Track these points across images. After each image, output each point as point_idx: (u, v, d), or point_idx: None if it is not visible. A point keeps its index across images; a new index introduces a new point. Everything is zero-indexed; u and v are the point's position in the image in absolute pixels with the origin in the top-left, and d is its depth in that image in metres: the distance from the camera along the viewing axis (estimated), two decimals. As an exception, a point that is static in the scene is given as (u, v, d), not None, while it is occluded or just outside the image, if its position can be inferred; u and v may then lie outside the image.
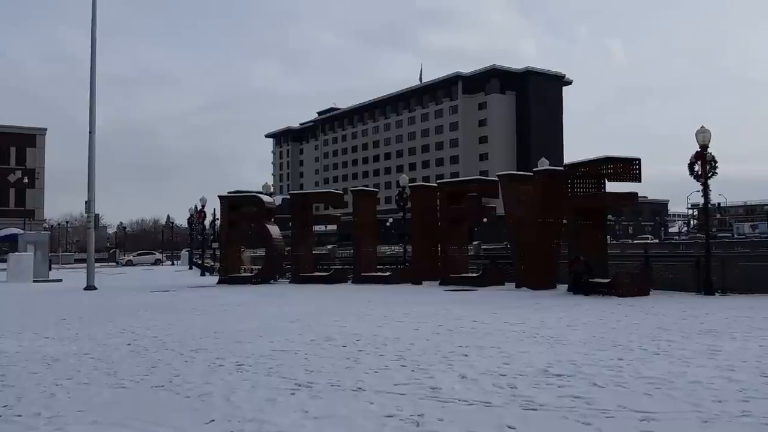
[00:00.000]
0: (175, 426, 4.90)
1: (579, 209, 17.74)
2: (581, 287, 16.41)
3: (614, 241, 61.30)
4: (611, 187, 17.89)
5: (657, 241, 73.52)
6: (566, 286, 17.45)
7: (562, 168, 19.05)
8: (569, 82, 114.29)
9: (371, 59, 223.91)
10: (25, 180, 62.70)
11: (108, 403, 5.67)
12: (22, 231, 42.01)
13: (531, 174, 20.07)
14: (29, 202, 70.80)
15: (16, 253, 29.41)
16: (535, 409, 5.22)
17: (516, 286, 18.82)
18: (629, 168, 16.95)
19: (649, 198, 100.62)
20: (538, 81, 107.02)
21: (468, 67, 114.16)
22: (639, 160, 16.92)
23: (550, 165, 20.24)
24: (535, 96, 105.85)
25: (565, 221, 18.49)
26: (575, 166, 18.26)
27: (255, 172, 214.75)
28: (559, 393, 5.73)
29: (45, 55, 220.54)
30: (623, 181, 17.28)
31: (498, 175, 20.93)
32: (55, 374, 7.00)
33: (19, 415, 5.29)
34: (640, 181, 17.02)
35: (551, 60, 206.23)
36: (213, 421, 5.04)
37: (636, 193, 17.63)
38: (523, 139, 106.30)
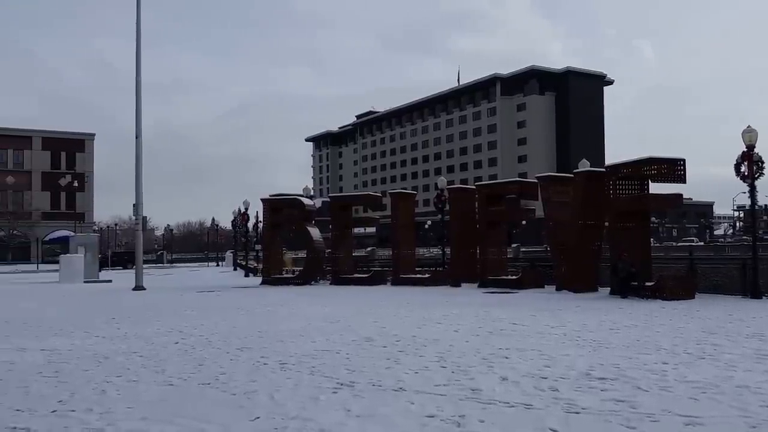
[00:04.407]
0: (222, 423, 5.04)
1: (621, 211, 17.40)
2: (625, 287, 16.09)
3: (657, 244, 59.70)
4: (655, 188, 17.51)
5: (702, 243, 71.29)
6: (608, 289, 17.14)
7: (603, 169, 18.71)
8: (610, 82, 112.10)
9: (398, 63, 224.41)
10: (75, 183, 64.97)
11: (156, 400, 5.85)
12: (72, 233, 43.55)
13: (571, 176, 19.78)
14: (79, 205, 73.31)
15: (68, 255, 30.52)
16: (578, 413, 5.17)
17: (556, 289, 18.58)
18: (673, 169, 16.55)
19: (693, 200, 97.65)
20: (579, 81, 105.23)
21: (497, 69, 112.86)
22: (683, 160, 16.51)
23: (591, 166, 19.91)
24: (576, 96, 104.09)
25: (606, 223, 18.16)
26: (617, 167, 17.91)
27: (292, 175, 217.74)
28: (602, 396, 5.67)
29: (85, 64, 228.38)
30: (667, 182, 16.88)
31: (537, 177, 20.70)
32: (105, 371, 7.26)
33: (73, 410, 5.51)
34: (684, 182, 16.61)
35: (577, 60, 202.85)
36: (258, 418, 5.17)
37: (681, 195, 17.20)
38: (563, 140, 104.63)
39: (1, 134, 72.04)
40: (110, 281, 29.70)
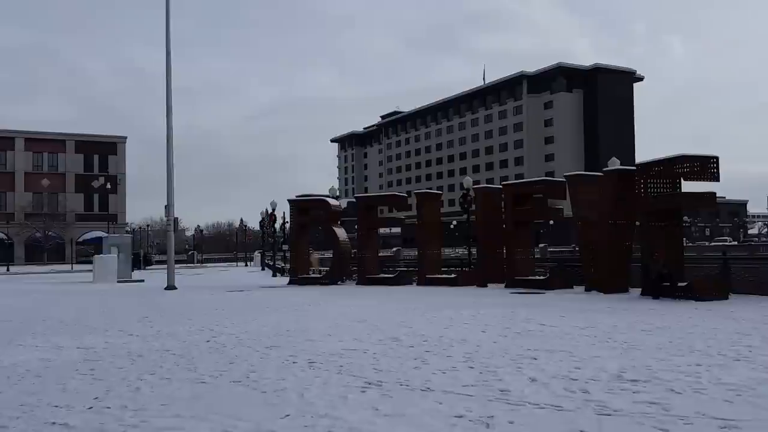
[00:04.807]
0: (253, 420, 5.11)
1: (653, 210, 17.10)
2: (657, 288, 15.82)
3: (690, 244, 58.56)
4: (687, 186, 17.16)
5: (736, 243, 69.70)
6: (639, 290, 16.86)
7: (634, 167, 18.41)
8: (640, 78, 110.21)
9: (423, 63, 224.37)
10: (108, 186, 66.46)
11: (189, 397, 5.96)
12: (106, 234, 44.51)
13: (601, 174, 19.51)
14: (112, 206, 75.02)
15: (101, 255, 31.21)
16: (609, 415, 5.11)
17: (585, 290, 18.34)
18: (706, 167, 16.19)
19: (726, 198, 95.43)
20: (608, 78, 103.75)
21: (523, 68, 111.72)
22: (716, 158, 16.14)
23: (621, 165, 19.61)
24: (605, 93, 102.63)
25: (637, 223, 17.87)
26: (648, 166, 17.59)
27: (318, 176, 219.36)
28: (635, 399, 5.59)
29: (117, 69, 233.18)
30: (700, 180, 16.51)
31: (566, 176, 20.46)
32: (139, 369, 7.42)
33: (108, 407, 5.63)
34: (718, 180, 16.23)
35: (605, 57, 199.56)
36: (288, 416, 5.24)
37: (714, 193, 16.82)
38: (591, 138, 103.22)
39: (37, 138, 74.12)
40: (143, 281, 30.31)
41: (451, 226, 63.17)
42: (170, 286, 23.53)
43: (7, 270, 52.97)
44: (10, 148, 72.62)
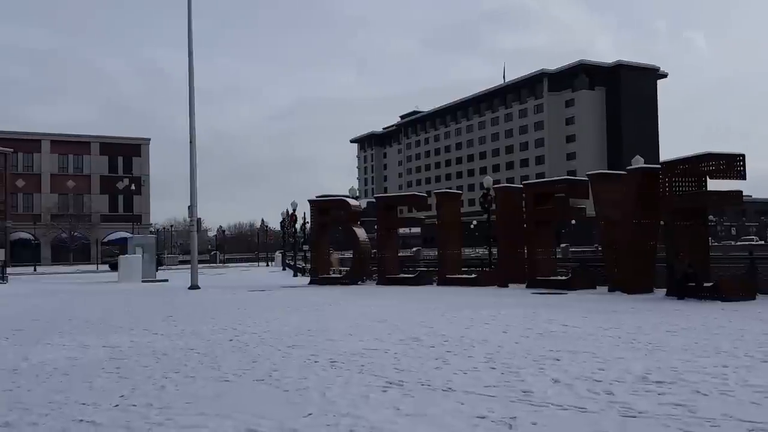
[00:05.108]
0: (276, 418, 5.16)
1: (678, 209, 16.85)
2: (682, 288, 15.58)
3: (716, 243, 57.56)
4: (713, 185, 16.89)
5: (762, 242, 68.30)
6: (664, 290, 16.62)
7: (658, 166, 18.16)
8: (664, 75, 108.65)
9: (442, 63, 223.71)
10: (132, 187, 67.38)
11: (213, 396, 6.03)
12: (130, 235, 45.18)
13: (624, 173, 19.27)
14: (136, 207, 76.14)
15: (126, 255, 31.69)
16: (634, 416, 5.06)
17: (609, 290, 18.13)
18: (732, 165, 15.90)
19: (753, 197, 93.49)
20: (630, 75, 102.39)
21: (543, 66, 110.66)
22: (743, 156, 15.84)
23: (645, 163, 19.35)
24: (627, 91, 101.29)
25: (662, 222, 17.62)
26: (673, 164, 17.34)
27: (338, 176, 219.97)
28: (660, 400, 5.52)
29: (139, 72, 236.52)
30: (726, 178, 16.23)
31: (588, 175, 20.23)
32: (164, 368, 7.52)
33: (134, 405, 5.72)
34: (744, 178, 15.93)
35: (626, 53, 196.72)
36: (310, 414, 5.27)
37: (740, 192, 16.49)
38: (614, 136, 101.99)
39: (62, 140, 75.57)
40: (167, 280, 30.68)
41: (471, 226, 62.92)
42: (194, 286, 23.82)
43: (34, 270, 54.08)
44: (36, 151, 74.10)
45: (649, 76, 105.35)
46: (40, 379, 6.99)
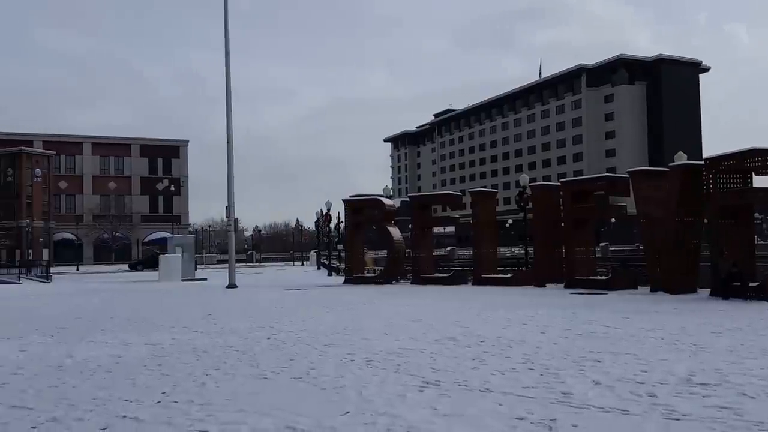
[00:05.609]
0: (314, 416, 5.18)
1: (722, 207, 16.35)
2: (727, 288, 15.12)
3: (761, 241, 55.60)
4: (759, 182, 16.32)
5: (814, 240, 65.54)
6: (708, 290, 16.16)
7: (702, 162, 17.65)
8: (706, 69, 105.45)
9: (476, 60, 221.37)
10: (172, 188, 68.94)
11: (252, 393, 6.10)
12: (170, 234, 46.21)
13: (667, 170, 18.78)
14: (176, 207, 77.87)
15: (166, 255, 32.43)
16: (678, 419, 4.92)
17: (651, 290, 17.71)
18: (780, 160, 15.35)
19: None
20: (671, 69, 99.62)
21: (577, 61, 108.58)
22: (792, 151, 15.28)
23: (688, 159, 18.83)
24: (669, 85, 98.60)
25: (705, 220, 17.13)
26: (717, 160, 16.82)
27: (372, 175, 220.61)
28: (704, 403, 5.35)
29: (175, 74, 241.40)
30: (773, 174, 15.67)
31: (629, 172, 19.78)
32: (204, 365, 7.64)
33: (176, 402, 5.83)
34: (793, 174, 15.36)
35: (666, 47, 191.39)
36: (348, 413, 5.29)
37: (789, 188, 15.92)
38: (655, 132, 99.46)
39: (103, 143, 77.82)
40: (205, 279, 31.30)
41: (507, 225, 62.28)
42: (231, 285, 24.22)
43: (77, 270, 55.83)
44: (78, 153, 76.49)
45: (691, 70, 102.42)
46: (85, 376, 7.18)
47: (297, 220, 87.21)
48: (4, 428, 5.09)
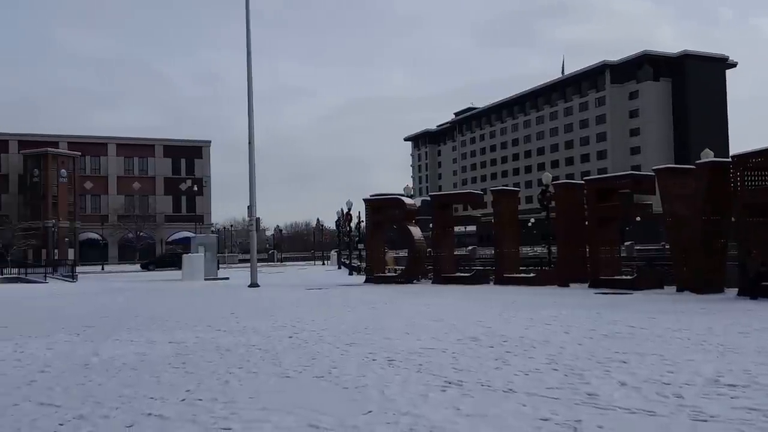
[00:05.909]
0: (336, 414, 5.19)
1: (750, 204, 16.00)
2: (755, 287, 14.79)
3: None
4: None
5: None
6: (735, 290, 15.83)
7: (729, 159, 17.30)
8: (733, 65, 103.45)
9: (497, 58, 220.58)
10: (195, 188, 69.76)
11: (275, 391, 6.13)
12: (193, 234, 46.76)
13: (693, 167, 18.44)
14: (199, 207, 78.78)
15: (189, 254, 32.81)
16: (706, 420, 4.82)
17: (677, 290, 17.41)
18: (812, 157, 14.97)
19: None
20: (697, 65, 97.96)
21: (600, 58, 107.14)
22: (825, 147, 14.88)
23: (715, 156, 18.47)
24: (694, 81, 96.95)
25: (733, 218, 16.78)
26: (745, 157, 16.46)
27: (392, 175, 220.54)
28: (733, 404, 5.24)
29: (196, 75, 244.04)
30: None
31: (654, 170, 19.48)
32: (227, 363, 7.70)
33: (200, 399, 5.87)
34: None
35: (691, 43, 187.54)
36: (370, 412, 5.28)
37: (820, 185, 15.52)
38: (681, 129, 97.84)
39: (128, 143, 79.08)
40: (227, 278, 31.60)
41: (529, 224, 61.82)
42: (253, 284, 24.41)
43: (102, 269, 56.80)
44: (103, 154, 77.84)
45: (717, 65, 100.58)
46: (110, 374, 7.27)
47: (318, 219, 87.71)
48: (33, 425, 5.19)
